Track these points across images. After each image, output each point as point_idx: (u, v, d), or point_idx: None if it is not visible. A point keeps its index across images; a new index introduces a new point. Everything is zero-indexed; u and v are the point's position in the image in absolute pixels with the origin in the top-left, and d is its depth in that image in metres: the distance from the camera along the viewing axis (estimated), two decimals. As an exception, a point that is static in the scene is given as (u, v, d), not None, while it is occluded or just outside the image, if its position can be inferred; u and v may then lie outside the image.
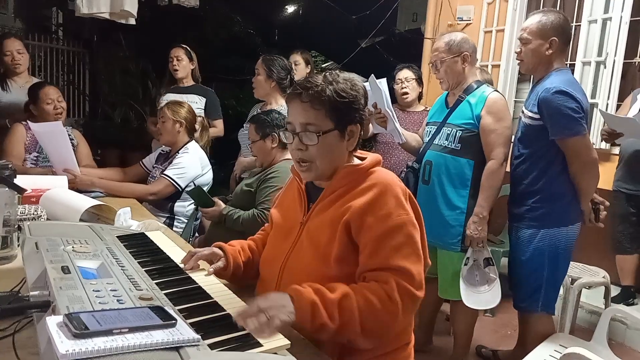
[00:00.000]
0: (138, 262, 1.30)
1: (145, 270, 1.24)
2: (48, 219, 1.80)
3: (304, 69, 3.74)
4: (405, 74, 3.47)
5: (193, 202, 2.76)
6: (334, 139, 1.28)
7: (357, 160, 1.37)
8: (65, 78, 7.27)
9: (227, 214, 2.42)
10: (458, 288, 2.36)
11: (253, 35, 7.98)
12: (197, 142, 2.92)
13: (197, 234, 2.98)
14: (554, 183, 2.21)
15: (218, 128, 3.64)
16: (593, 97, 3.62)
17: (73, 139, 2.98)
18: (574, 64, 3.72)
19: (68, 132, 2.84)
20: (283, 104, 3.01)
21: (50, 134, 2.62)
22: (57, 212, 1.85)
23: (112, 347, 0.80)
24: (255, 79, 3.03)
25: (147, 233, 1.64)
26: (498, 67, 4.20)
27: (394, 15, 6.26)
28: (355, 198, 1.25)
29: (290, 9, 8.94)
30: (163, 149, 3.00)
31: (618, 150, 3.33)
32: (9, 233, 1.48)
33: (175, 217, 2.79)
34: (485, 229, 2.31)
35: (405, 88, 3.45)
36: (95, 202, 1.94)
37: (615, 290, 3.22)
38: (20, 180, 1.57)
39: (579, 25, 3.72)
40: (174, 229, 2.70)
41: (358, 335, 1.15)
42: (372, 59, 5.55)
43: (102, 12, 3.67)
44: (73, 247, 1.26)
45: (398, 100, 3.50)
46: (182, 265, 1.37)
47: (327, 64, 7.11)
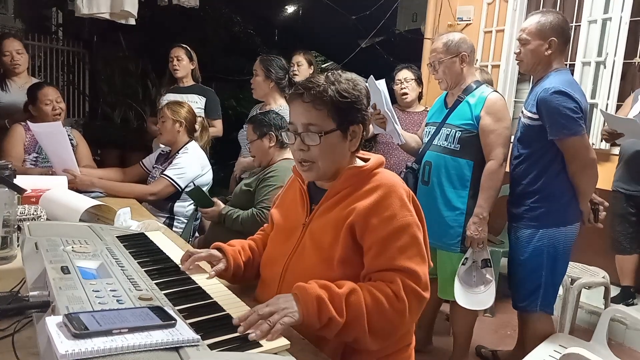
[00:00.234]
0: (138, 262, 1.30)
1: (145, 271, 1.24)
2: (48, 219, 1.80)
3: (307, 70, 3.73)
4: (405, 75, 3.47)
5: (193, 202, 2.76)
6: (336, 140, 1.27)
7: (360, 162, 1.36)
8: (65, 78, 7.27)
9: (226, 214, 2.42)
10: (458, 288, 2.36)
11: (253, 35, 7.99)
12: (196, 142, 2.92)
13: (197, 234, 2.98)
14: (553, 183, 2.22)
15: (217, 128, 3.64)
16: (593, 97, 3.62)
17: (72, 139, 2.98)
18: (574, 64, 3.72)
19: (67, 132, 2.84)
20: (282, 104, 3.01)
21: (50, 135, 2.61)
22: (56, 212, 1.85)
23: (111, 347, 0.80)
24: (254, 80, 3.05)
25: (146, 233, 1.64)
26: (498, 67, 4.20)
27: (394, 16, 6.26)
28: (359, 200, 1.25)
29: (290, 9, 8.95)
30: (163, 149, 3.00)
31: (618, 151, 3.33)
32: (9, 233, 1.48)
33: (175, 217, 2.79)
34: (486, 230, 2.31)
35: (405, 88, 3.46)
36: (95, 202, 1.94)
37: (615, 291, 3.22)
38: (20, 181, 1.57)
39: (579, 26, 3.72)
40: (174, 229, 2.70)
41: (365, 334, 1.14)
42: (372, 59, 5.56)
43: (102, 12, 3.66)
44: (73, 247, 1.26)
45: (398, 101, 3.50)
46: (181, 266, 1.37)
47: (327, 64, 7.11)
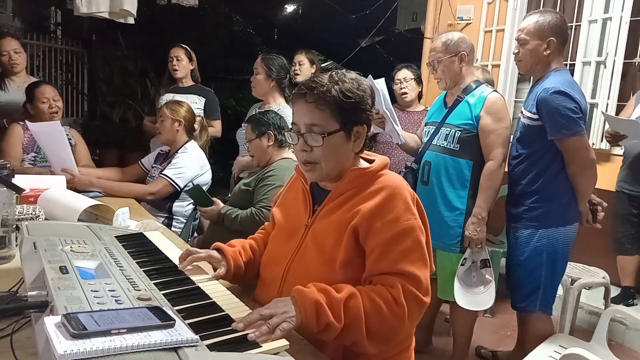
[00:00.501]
0: (136, 262, 1.29)
1: (144, 271, 1.24)
2: (46, 219, 1.79)
3: (309, 69, 3.72)
4: (404, 74, 3.47)
5: (192, 201, 2.75)
6: (340, 140, 1.25)
7: (364, 163, 1.35)
8: (64, 77, 7.26)
9: (225, 213, 2.42)
10: (455, 288, 2.36)
11: (252, 35, 7.99)
12: (195, 141, 2.92)
13: (195, 234, 2.98)
14: (552, 183, 2.21)
15: (216, 128, 3.63)
16: (593, 97, 3.62)
17: (71, 139, 2.97)
18: (574, 64, 3.72)
19: (66, 131, 2.83)
20: (281, 104, 3.01)
21: (49, 134, 2.61)
22: (55, 212, 1.84)
23: (110, 347, 0.79)
24: (254, 78, 3.03)
25: (145, 233, 1.63)
26: (498, 67, 4.19)
27: (394, 15, 6.26)
28: (363, 202, 1.23)
29: (290, 9, 8.95)
30: (162, 149, 3.00)
31: (619, 151, 3.33)
32: (7, 233, 1.48)
33: (174, 217, 2.78)
34: (484, 230, 2.31)
35: (405, 88, 3.45)
36: (94, 202, 1.93)
37: (615, 291, 3.22)
38: (19, 180, 1.57)
39: (579, 25, 3.72)
40: (173, 229, 2.70)
41: (363, 338, 1.13)
42: (371, 59, 5.57)
43: (101, 11, 3.66)
44: (71, 247, 1.26)
45: (397, 100, 3.50)
46: (179, 265, 1.36)
47: (327, 64, 7.11)
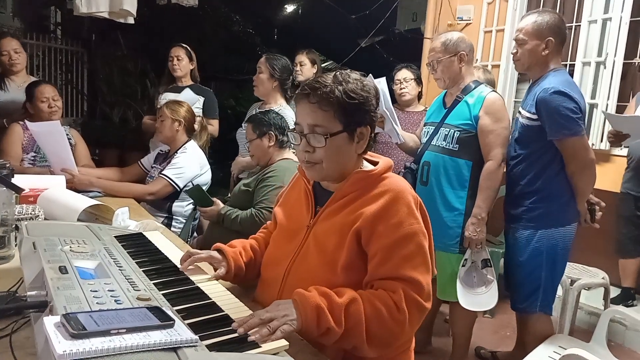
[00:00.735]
0: (136, 262, 1.29)
1: (143, 271, 1.24)
2: (46, 219, 1.79)
3: (310, 69, 3.71)
4: (404, 74, 3.47)
5: (192, 201, 2.75)
6: (343, 141, 1.24)
7: (368, 165, 1.34)
8: (64, 77, 7.26)
9: (225, 214, 2.41)
10: (456, 289, 2.36)
11: (252, 35, 7.99)
12: (195, 141, 2.91)
13: (195, 234, 2.97)
14: (552, 183, 2.21)
15: (214, 127, 3.63)
16: (593, 97, 3.62)
17: (71, 139, 2.97)
18: (574, 64, 3.72)
19: (66, 131, 2.83)
20: (282, 104, 3.00)
21: (48, 134, 2.61)
22: (54, 212, 1.84)
23: (109, 347, 0.79)
24: (257, 77, 3.01)
25: (145, 233, 1.63)
26: (498, 67, 4.19)
27: (394, 15, 6.25)
28: (367, 205, 1.22)
29: (290, 9, 8.95)
30: (162, 149, 3.00)
31: (619, 152, 3.33)
32: (7, 233, 1.48)
33: (174, 217, 2.78)
34: (484, 230, 2.31)
35: (404, 88, 3.46)
36: (93, 201, 1.93)
37: (615, 292, 3.22)
38: (18, 180, 1.57)
39: (579, 26, 3.71)
40: (172, 229, 2.69)
41: (363, 343, 1.13)
42: (371, 59, 5.56)
43: (101, 11, 3.66)
44: (71, 247, 1.26)
45: (397, 100, 3.50)
46: (180, 266, 1.36)
47: (326, 64, 7.11)
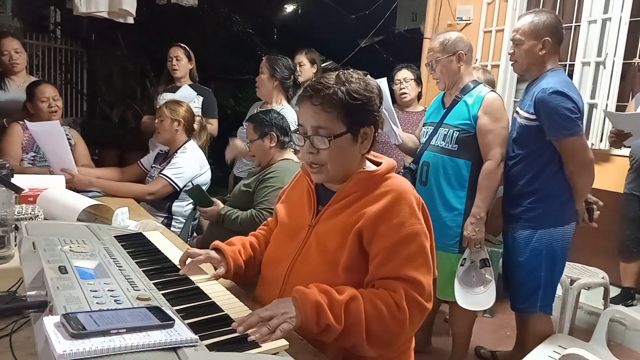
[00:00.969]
0: (136, 262, 1.29)
1: (143, 271, 1.24)
2: (45, 219, 1.79)
3: (310, 69, 3.72)
4: (404, 74, 3.47)
5: (191, 201, 2.75)
6: (346, 142, 1.24)
7: (371, 165, 1.34)
8: (63, 77, 7.26)
9: (225, 214, 2.41)
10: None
11: (252, 35, 8.00)
12: (194, 141, 2.91)
13: (195, 234, 2.97)
14: (550, 183, 2.22)
15: (213, 127, 3.63)
16: (593, 97, 3.62)
17: (71, 139, 2.97)
18: (574, 65, 3.72)
19: (66, 131, 2.83)
20: (283, 104, 3.00)
21: (48, 134, 2.61)
22: (54, 211, 1.84)
23: (109, 347, 0.79)
24: (259, 78, 3.05)
25: (144, 233, 1.63)
26: (498, 67, 4.20)
27: (394, 15, 6.26)
28: (369, 205, 1.22)
29: (290, 9, 8.96)
30: (161, 149, 3.00)
31: (618, 152, 3.33)
32: (6, 233, 1.48)
33: (173, 217, 2.78)
34: (483, 230, 2.31)
35: (404, 88, 3.46)
36: (93, 201, 1.93)
37: (614, 291, 3.22)
38: (18, 180, 1.57)
39: (579, 26, 3.72)
40: (172, 229, 2.69)
41: (363, 341, 1.13)
42: (371, 59, 5.56)
43: (100, 11, 3.66)
44: (70, 247, 1.26)
45: (397, 101, 3.50)
46: (179, 266, 1.36)
47: (326, 64, 7.11)
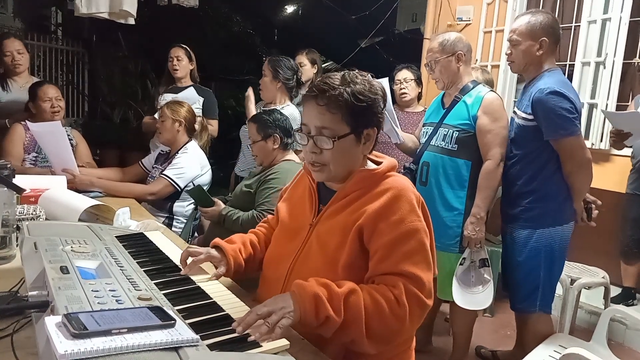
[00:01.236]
0: (137, 262, 1.30)
1: (144, 271, 1.24)
2: (47, 219, 1.79)
3: (310, 69, 3.72)
4: (404, 75, 3.47)
5: (193, 201, 2.75)
6: (350, 143, 1.25)
7: (372, 165, 1.34)
8: (65, 78, 7.27)
9: (226, 215, 2.41)
10: (455, 289, 2.36)
11: (253, 35, 8.00)
12: (196, 141, 2.92)
13: (196, 234, 2.98)
14: (548, 183, 2.22)
15: (213, 127, 3.64)
16: (592, 97, 3.62)
17: (72, 139, 2.98)
18: (574, 65, 3.72)
19: (67, 132, 2.84)
20: (287, 103, 3.01)
21: (49, 134, 2.61)
22: (55, 212, 1.85)
23: (110, 347, 0.79)
24: (262, 81, 3.05)
25: (146, 233, 1.64)
26: (497, 67, 4.20)
27: (394, 16, 6.26)
28: (369, 203, 1.23)
29: (290, 9, 8.96)
30: (163, 150, 3.00)
31: (619, 151, 3.33)
32: (8, 233, 1.48)
33: (174, 217, 2.78)
34: (483, 230, 2.31)
35: (404, 89, 3.46)
36: (94, 202, 1.93)
37: (615, 291, 3.22)
38: (19, 180, 1.57)
39: (579, 26, 3.72)
40: (173, 229, 2.70)
41: (362, 336, 1.13)
42: (371, 59, 5.56)
43: (101, 12, 3.67)
44: (72, 247, 1.26)
45: (397, 101, 3.51)
46: (180, 265, 1.36)
47: (327, 64, 7.11)
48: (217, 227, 2.51)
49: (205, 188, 2.78)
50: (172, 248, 1.52)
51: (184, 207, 2.81)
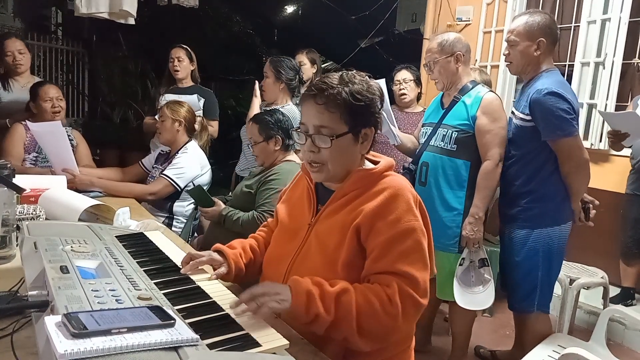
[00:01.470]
0: (137, 261, 1.30)
1: (144, 270, 1.24)
2: (47, 219, 1.80)
3: (310, 69, 3.72)
4: (404, 75, 3.48)
5: (193, 201, 2.76)
6: (348, 143, 1.26)
7: (369, 164, 1.35)
8: (65, 78, 7.27)
9: (226, 215, 2.41)
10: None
11: (253, 35, 8.00)
12: (196, 141, 2.92)
13: (196, 234, 2.98)
14: (546, 183, 2.22)
15: (213, 128, 3.64)
16: (592, 97, 3.63)
17: (72, 139, 2.98)
18: (573, 65, 3.73)
19: (67, 132, 2.84)
20: (288, 103, 3.01)
21: (50, 134, 2.61)
22: (55, 211, 1.85)
23: (110, 347, 0.80)
24: (264, 82, 3.03)
25: (146, 233, 1.64)
26: (497, 67, 4.20)
27: (394, 16, 6.27)
28: (367, 202, 1.24)
29: (290, 9, 8.96)
30: (163, 150, 3.00)
31: (615, 152, 3.33)
32: (8, 233, 1.48)
33: (174, 217, 2.79)
34: (481, 230, 2.31)
35: (404, 89, 3.46)
36: (94, 201, 1.94)
37: (614, 291, 3.22)
38: (19, 180, 1.58)
39: (578, 26, 3.72)
40: (173, 229, 2.70)
41: (354, 334, 1.14)
42: (371, 59, 5.56)
43: (101, 12, 3.67)
44: (72, 246, 1.26)
45: (396, 101, 3.51)
46: (181, 266, 1.37)
47: (326, 64, 7.11)
48: (217, 227, 2.51)
49: (205, 188, 2.78)
50: (172, 248, 1.52)
51: (184, 207, 2.81)
